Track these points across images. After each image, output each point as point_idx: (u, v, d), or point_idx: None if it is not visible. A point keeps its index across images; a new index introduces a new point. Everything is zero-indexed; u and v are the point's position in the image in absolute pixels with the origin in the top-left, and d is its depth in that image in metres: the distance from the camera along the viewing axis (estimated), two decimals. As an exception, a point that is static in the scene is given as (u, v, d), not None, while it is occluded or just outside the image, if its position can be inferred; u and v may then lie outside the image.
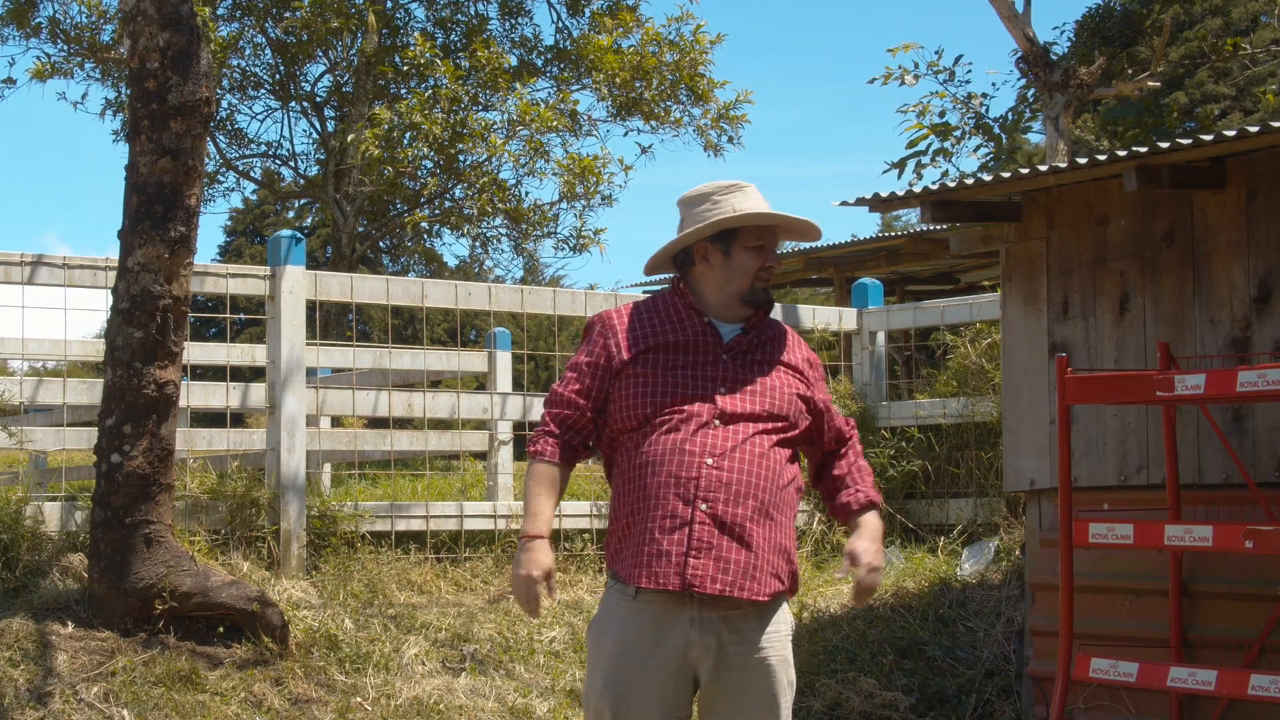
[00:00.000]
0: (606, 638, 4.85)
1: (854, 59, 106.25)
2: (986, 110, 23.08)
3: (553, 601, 4.86)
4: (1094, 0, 24.52)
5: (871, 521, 5.05)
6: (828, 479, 5.17)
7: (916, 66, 22.98)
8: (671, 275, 5.15)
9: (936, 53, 23.16)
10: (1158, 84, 22.78)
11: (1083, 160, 8.03)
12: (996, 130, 23.01)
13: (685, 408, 4.81)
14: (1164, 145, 7.68)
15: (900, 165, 22.68)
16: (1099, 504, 8.27)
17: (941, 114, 22.89)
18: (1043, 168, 8.27)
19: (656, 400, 4.84)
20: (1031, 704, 8.75)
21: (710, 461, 4.75)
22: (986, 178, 8.66)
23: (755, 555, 4.76)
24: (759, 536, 4.77)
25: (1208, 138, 7.51)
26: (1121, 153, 7.83)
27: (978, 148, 23.11)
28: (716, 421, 4.80)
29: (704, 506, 4.72)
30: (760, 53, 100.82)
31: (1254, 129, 7.31)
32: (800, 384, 5.01)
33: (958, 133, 22.76)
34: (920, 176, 22.48)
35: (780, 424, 4.90)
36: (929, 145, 22.62)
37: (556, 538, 10.86)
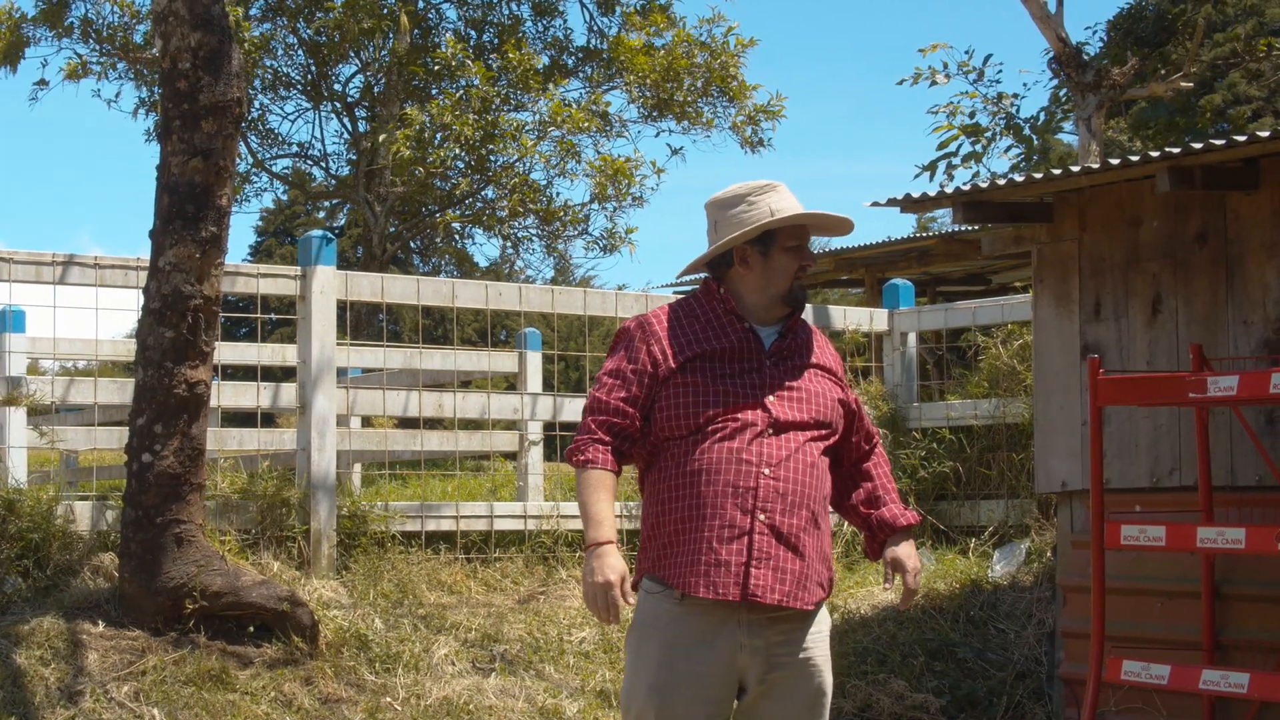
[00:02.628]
0: (651, 642, 4.82)
1: (884, 59, 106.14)
2: (1017, 111, 23.02)
3: (629, 606, 4.83)
4: (1127, 0, 24.44)
5: (909, 534, 5.13)
6: (856, 483, 5.16)
7: (946, 67, 22.93)
8: (701, 276, 5.12)
9: (967, 53, 23.11)
10: (1190, 85, 22.70)
11: (1115, 161, 8.00)
12: (1027, 131, 22.94)
13: (739, 416, 4.80)
14: (1197, 146, 7.65)
15: (931, 168, 22.63)
16: (1131, 506, 8.24)
17: (971, 114, 22.84)
18: (1075, 168, 8.24)
19: (709, 409, 4.81)
20: (1063, 706, 8.72)
21: (767, 471, 4.75)
22: (1018, 178, 8.63)
23: (807, 565, 4.79)
24: (809, 546, 4.80)
25: (1241, 138, 7.48)
26: (1154, 153, 7.81)
27: (1008, 149, 23.05)
28: (770, 430, 4.80)
29: (762, 517, 4.73)
30: (790, 52, 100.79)
31: (1288, 129, 7.27)
32: (836, 387, 5.02)
33: (988, 134, 22.70)
34: (951, 178, 22.44)
35: (824, 431, 4.92)
36: (959, 146, 22.58)
37: (577, 541, 10.85)
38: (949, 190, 8.79)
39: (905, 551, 5.03)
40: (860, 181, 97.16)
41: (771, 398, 4.84)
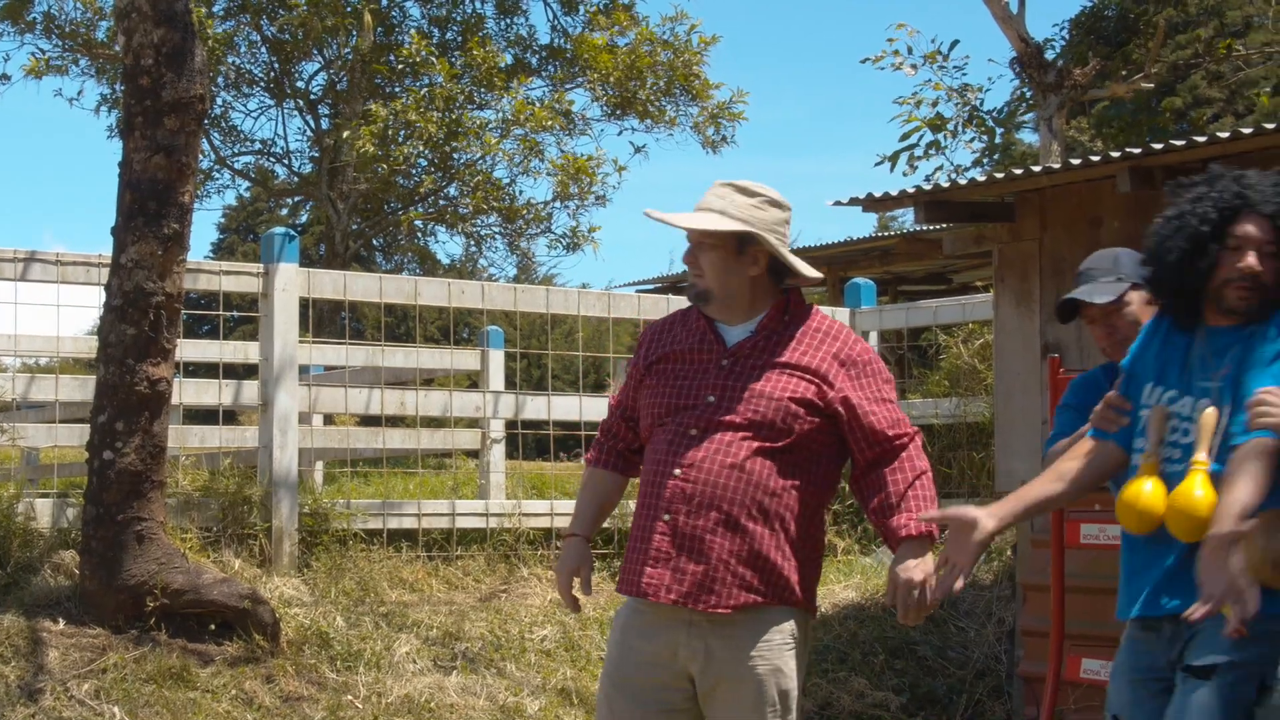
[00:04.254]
0: (615, 631, 4.98)
1: (849, 57, 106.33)
2: (981, 102, 23.11)
3: (585, 598, 4.98)
4: (1089, -1, 24.55)
5: (917, 546, 4.82)
6: (871, 490, 4.89)
7: (911, 52, 23.00)
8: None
9: (933, 41, 23.20)
10: (1151, 86, 22.81)
11: (1076, 161, 8.05)
12: (990, 123, 23.03)
13: (675, 417, 4.83)
14: (1157, 146, 7.70)
15: (893, 159, 22.70)
16: (1090, 504, 8.27)
17: (934, 104, 22.92)
18: (1036, 168, 8.28)
19: (656, 410, 4.89)
20: (1022, 704, 8.75)
21: (678, 472, 4.76)
22: (980, 178, 8.68)
23: (712, 568, 4.71)
24: (719, 549, 4.71)
25: (1201, 139, 7.53)
26: (1115, 154, 7.85)
27: (971, 140, 23.13)
28: (694, 431, 4.78)
29: (665, 517, 4.77)
30: (754, 50, 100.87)
31: (1247, 130, 7.33)
32: (809, 386, 4.80)
33: (952, 125, 22.78)
34: (913, 169, 22.52)
35: (766, 432, 4.76)
36: (921, 138, 22.66)
37: (549, 537, 10.86)
38: (911, 189, 8.82)
39: (902, 565, 4.76)
40: (822, 180, 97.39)
41: (712, 398, 4.80)
